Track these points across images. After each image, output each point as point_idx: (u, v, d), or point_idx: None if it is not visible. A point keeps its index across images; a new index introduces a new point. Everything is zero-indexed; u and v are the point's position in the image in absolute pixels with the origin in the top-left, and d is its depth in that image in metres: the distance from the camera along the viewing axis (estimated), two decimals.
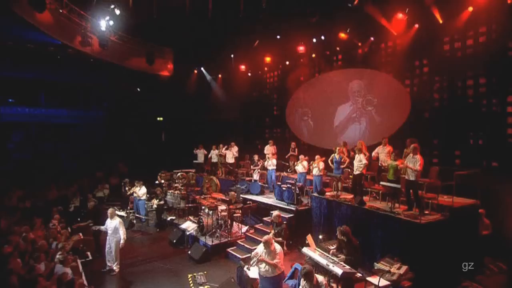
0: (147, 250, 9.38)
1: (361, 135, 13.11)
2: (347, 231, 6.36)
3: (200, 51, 15.12)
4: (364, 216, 7.92)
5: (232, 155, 13.55)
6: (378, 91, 12.63)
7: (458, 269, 6.98)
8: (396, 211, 7.40)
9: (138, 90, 20.16)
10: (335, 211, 8.83)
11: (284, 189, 10.36)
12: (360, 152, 8.91)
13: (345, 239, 6.35)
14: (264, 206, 10.68)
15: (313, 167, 10.54)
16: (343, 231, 6.37)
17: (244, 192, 11.65)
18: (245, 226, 9.95)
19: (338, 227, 6.57)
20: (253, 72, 16.88)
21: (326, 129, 14.34)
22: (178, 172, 12.70)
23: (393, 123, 12.08)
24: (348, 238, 6.34)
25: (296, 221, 9.60)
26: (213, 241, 8.99)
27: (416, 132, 10.65)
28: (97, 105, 20.11)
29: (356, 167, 8.86)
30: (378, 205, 8.24)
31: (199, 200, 10.32)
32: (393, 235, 7.15)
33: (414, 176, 7.25)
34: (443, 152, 10.27)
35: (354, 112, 13.51)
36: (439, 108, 10.71)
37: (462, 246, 7.25)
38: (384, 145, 9.75)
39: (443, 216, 7.06)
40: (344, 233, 6.36)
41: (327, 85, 14.36)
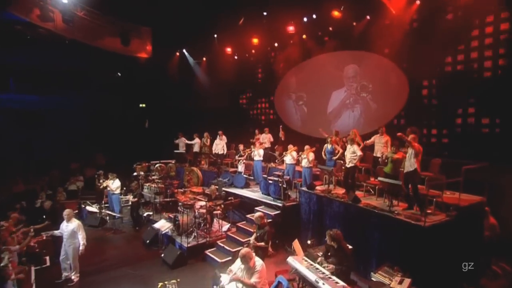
0: (116, 253, 8.29)
1: (355, 123, 12.06)
2: (338, 236, 5.33)
3: (182, 31, 13.69)
4: (359, 215, 6.92)
5: (222, 145, 12.29)
6: (374, 76, 11.53)
7: (461, 273, 6.08)
8: (395, 210, 6.41)
9: (119, 75, 18.68)
10: (326, 208, 7.83)
11: (270, 182, 9.31)
12: (353, 142, 7.86)
13: (335, 245, 5.33)
14: (249, 201, 9.64)
15: (302, 158, 9.48)
16: (334, 236, 5.34)
17: (227, 185, 10.58)
18: (227, 223, 8.91)
19: (327, 230, 5.53)
20: (239, 55, 15.55)
21: (319, 116, 13.23)
22: (156, 163, 11.52)
23: (389, 111, 11.04)
24: (339, 244, 5.33)
25: (283, 218, 8.60)
26: (190, 242, 7.94)
27: (415, 121, 9.66)
28: (76, 91, 18.52)
29: (349, 159, 7.82)
30: (374, 202, 7.24)
31: (176, 195, 9.20)
32: (391, 238, 6.17)
33: (411, 166, 6.27)
34: (444, 143, 9.28)
35: (348, 98, 12.41)
36: (439, 95, 9.68)
37: (467, 248, 6.33)
38: (381, 134, 8.73)
39: (448, 217, 6.09)
40: (335, 239, 5.33)
41: (320, 69, 13.16)
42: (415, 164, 6.25)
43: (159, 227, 8.17)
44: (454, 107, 9.15)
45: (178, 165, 12.93)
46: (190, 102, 15.80)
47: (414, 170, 6.28)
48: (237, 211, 10.37)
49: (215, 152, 12.30)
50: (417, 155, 6.22)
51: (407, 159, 6.38)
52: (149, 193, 10.85)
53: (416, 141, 6.33)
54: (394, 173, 6.88)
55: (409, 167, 6.36)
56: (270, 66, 14.82)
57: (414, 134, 6.75)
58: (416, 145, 6.23)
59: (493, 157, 7.52)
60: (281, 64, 14.06)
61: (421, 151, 6.25)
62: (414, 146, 6.18)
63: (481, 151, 8.03)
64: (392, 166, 6.90)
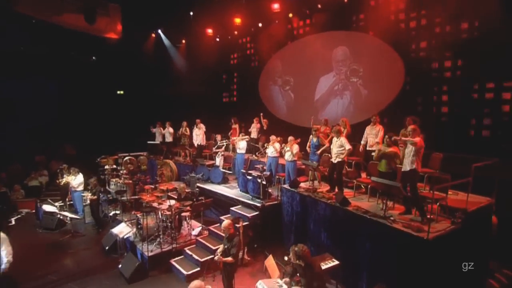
0: (68, 262, 7.01)
1: (344, 111, 10.83)
2: (304, 253, 4.16)
3: (156, 9, 12.09)
4: (347, 221, 5.76)
5: (202, 135, 10.91)
6: (365, 59, 10.23)
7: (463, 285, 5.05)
8: (390, 216, 5.25)
9: (93, 59, 16.94)
10: (310, 210, 6.65)
11: (248, 178, 8.08)
12: (340, 134, 6.62)
13: (302, 263, 4.18)
14: (225, 200, 8.42)
15: (285, 150, 8.24)
16: (299, 254, 4.17)
17: (202, 180, 9.33)
18: (199, 225, 7.67)
19: (292, 246, 4.35)
20: (221, 37, 14.02)
21: (306, 103, 11.95)
22: (125, 156, 10.15)
23: (382, 98, 9.81)
24: (306, 262, 4.17)
25: (263, 220, 7.42)
26: (153, 249, 6.70)
27: (410, 110, 8.48)
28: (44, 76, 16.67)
29: (335, 153, 6.62)
30: (366, 204, 6.08)
31: (141, 193, 7.89)
32: (386, 251, 5.02)
33: (411, 165, 5.09)
34: (444, 135, 8.13)
35: (336, 84, 11.12)
36: (439, 80, 8.48)
37: (472, 256, 5.24)
38: (374, 124, 7.51)
39: (454, 224, 4.95)
40: (301, 256, 4.17)
41: (308, 52, 11.77)
42: (415, 162, 5.07)
43: (117, 232, 6.90)
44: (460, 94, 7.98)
45: (153, 157, 11.58)
46: (168, 88, 14.27)
47: (414, 170, 5.10)
48: (214, 209, 9.18)
49: (196, 143, 10.94)
50: (418, 152, 5.04)
51: (406, 156, 5.18)
52: (116, 189, 9.51)
53: (417, 134, 5.13)
54: (388, 170, 5.72)
55: (407, 166, 5.17)
56: (254, 49, 13.36)
57: (414, 124, 5.57)
58: (418, 139, 5.02)
59: (501, 152, 6.42)
60: (266, 46, 12.61)
61: (423, 146, 5.07)
62: (415, 142, 4.98)
63: (488, 144, 6.93)
64: (386, 163, 5.72)
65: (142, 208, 6.86)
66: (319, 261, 4.78)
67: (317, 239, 6.46)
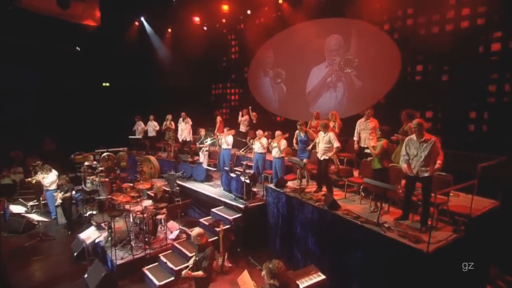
0: (32, 270, 6.30)
1: (336, 104, 10.13)
2: (279, 271, 3.38)
3: None
4: (336, 226, 5.10)
5: (188, 130, 10.15)
6: (360, 49, 9.48)
7: None
8: (384, 223, 4.59)
9: (78, 50, 15.97)
10: (297, 213, 5.99)
11: (232, 176, 7.40)
12: (327, 129, 5.93)
13: (277, 283, 3.45)
14: (206, 199, 7.75)
15: (272, 146, 7.55)
16: (273, 271, 3.38)
17: (185, 178, 8.63)
18: (178, 228, 6.99)
19: (265, 262, 3.61)
20: (209, 25, 13.16)
21: (297, 96, 11.25)
22: (103, 152, 9.39)
23: (377, 90, 9.11)
24: (282, 282, 3.45)
25: (246, 222, 6.76)
26: (124, 256, 6.02)
27: (407, 103, 7.81)
28: (27, 67, 15.70)
29: (322, 150, 5.94)
30: (358, 207, 5.43)
31: (113, 194, 7.13)
32: (379, 261, 4.39)
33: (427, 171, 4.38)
34: (445, 129, 7.48)
35: (329, 75, 10.39)
36: (439, 70, 7.78)
37: (473, 264, 4.63)
38: (367, 118, 6.81)
39: (457, 233, 4.32)
40: (275, 275, 3.43)
41: (299, 41, 11.01)
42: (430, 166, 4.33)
43: (85, 237, 6.19)
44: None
45: (136, 153, 10.83)
46: (153, 80, 13.43)
47: (430, 177, 4.40)
48: (197, 208, 8.52)
49: (182, 138, 10.19)
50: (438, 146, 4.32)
51: (417, 159, 4.43)
52: (92, 188, 8.78)
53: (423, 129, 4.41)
54: (382, 166, 5.06)
55: (425, 172, 4.38)
56: (243, 38, 12.53)
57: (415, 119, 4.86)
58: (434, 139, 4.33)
59: (505, 148, 5.77)
60: (255, 35, 11.80)
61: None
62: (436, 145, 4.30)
63: (490, 140, 6.29)
64: (378, 160, 5.05)
65: (110, 211, 6.14)
66: (302, 276, 4.13)
67: (304, 245, 5.82)
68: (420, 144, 4.39)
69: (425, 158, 4.33)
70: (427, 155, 4.31)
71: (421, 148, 4.38)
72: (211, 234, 6.48)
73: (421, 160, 4.36)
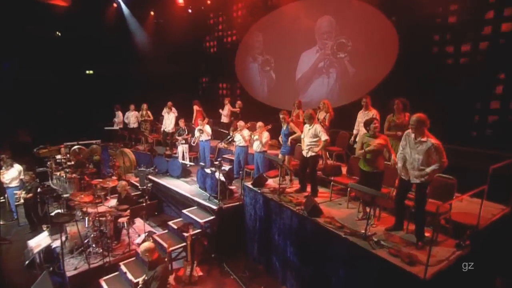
0: None
1: (328, 92, 9.18)
2: None
3: None
4: (317, 236, 4.26)
5: (171, 121, 9.23)
6: (355, 31, 8.46)
7: None
8: (372, 235, 3.74)
9: (58, 35, 14.81)
10: (274, 217, 5.15)
11: (207, 173, 6.54)
12: (313, 120, 5.03)
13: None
14: (180, 198, 6.91)
15: (253, 139, 6.66)
16: None
17: (161, 173, 7.78)
18: (147, 230, 6.17)
19: None
20: (194, 8, 12.05)
21: (287, 84, 10.28)
22: (73, 145, 8.48)
23: (371, 76, 8.15)
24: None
25: (220, 225, 5.93)
26: (78, 266, 5.21)
27: (405, 91, 6.87)
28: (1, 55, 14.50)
29: (307, 145, 5.06)
30: (344, 212, 4.57)
31: (72, 194, 6.26)
32: (365, 283, 3.56)
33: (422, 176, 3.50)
34: (446, 122, 6.54)
35: (321, 61, 9.38)
36: (441, 54, 6.79)
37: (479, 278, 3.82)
38: (366, 108, 5.88)
39: (461, 249, 3.47)
40: None
41: (289, 23, 9.98)
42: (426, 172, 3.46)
43: (33, 245, 5.37)
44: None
45: (113, 145, 9.92)
46: (133, 67, 12.40)
47: (427, 183, 3.52)
48: (174, 206, 7.70)
49: (164, 129, 9.28)
50: (439, 151, 3.38)
51: (412, 161, 3.55)
52: (58, 184, 7.92)
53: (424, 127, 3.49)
54: (372, 168, 4.17)
55: (420, 177, 3.50)
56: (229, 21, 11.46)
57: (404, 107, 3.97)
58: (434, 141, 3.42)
59: None
60: (242, 18, 10.76)
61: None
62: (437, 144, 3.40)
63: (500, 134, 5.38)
64: (371, 160, 4.16)
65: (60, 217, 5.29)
66: None
67: (282, 254, 5.01)
68: (415, 144, 3.51)
69: (418, 162, 3.46)
70: (421, 160, 3.44)
71: (415, 149, 3.51)
72: (180, 239, 5.67)
73: (414, 163, 3.50)
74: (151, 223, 7.21)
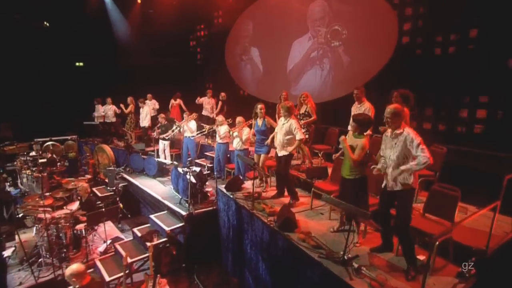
0: None
1: (322, 84, 8.32)
2: None
3: None
4: (289, 254, 3.49)
5: (145, 115, 8.57)
6: (350, 18, 7.56)
7: None
8: (353, 260, 2.96)
9: (46, 25, 14.05)
10: (246, 227, 4.39)
11: (180, 173, 5.81)
12: (290, 113, 4.25)
13: None
14: (152, 201, 6.20)
15: (232, 136, 5.90)
16: None
17: (137, 172, 7.08)
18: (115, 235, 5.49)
19: None
20: None
21: (278, 75, 9.45)
22: (45, 142, 7.81)
23: (368, 67, 7.27)
24: None
25: (191, 233, 5.21)
26: (23, 281, 4.55)
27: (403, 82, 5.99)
28: None
29: (281, 143, 4.28)
30: (325, 224, 3.79)
31: (25, 198, 5.56)
32: None
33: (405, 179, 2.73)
34: (449, 120, 5.69)
35: (313, 50, 8.51)
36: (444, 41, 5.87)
37: None
38: (360, 101, 5.02)
39: (464, 281, 2.67)
40: None
41: (280, 9, 9.11)
42: (410, 175, 2.72)
43: None
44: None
45: (91, 141, 9.22)
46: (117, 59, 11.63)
47: (410, 190, 2.78)
48: (150, 207, 7.00)
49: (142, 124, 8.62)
50: (417, 143, 2.63)
51: (391, 162, 2.79)
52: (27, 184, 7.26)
53: (401, 120, 2.73)
54: (355, 175, 3.34)
55: (396, 183, 2.78)
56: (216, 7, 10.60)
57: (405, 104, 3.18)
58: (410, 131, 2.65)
59: None
60: (231, 4, 9.89)
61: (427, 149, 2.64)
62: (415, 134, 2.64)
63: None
64: (349, 166, 3.33)
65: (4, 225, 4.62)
66: None
67: (255, 269, 4.26)
68: (392, 140, 2.77)
69: (395, 161, 2.70)
70: (398, 156, 2.69)
71: (392, 147, 2.76)
72: (144, 248, 4.97)
73: (391, 164, 2.75)
74: (124, 226, 6.53)
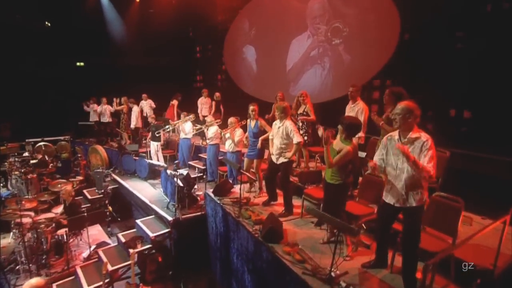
0: None
1: (322, 84, 7.98)
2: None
3: None
4: (273, 267, 3.18)
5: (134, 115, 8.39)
6: (351, 14, 7.21)
7: None
8: (342, 276, 2.64)
9: (48, 25, 13.98)
10: (232, 236, 4.08)
11: (168, 176, 5.54)
12: (286, 115, 3.93)
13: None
14: (141, 204, 5.94)
15: (224, 138, 5.60)
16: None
17: (128, 174, 6.84)
18: (102, 240, 5.24)
19: None
20: None
21: (278, 75, 9.14)
22: (37, 142, 7.64)
23: (369, 65, 6.91)
24: None
25: (178, 238, 4.93)
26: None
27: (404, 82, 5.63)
28: None
29: (277, 149, 3.95)
30: (315, 234, 3.45)
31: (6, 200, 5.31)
32: None
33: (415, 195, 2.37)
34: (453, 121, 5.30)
35: (313, 49, 8.17)
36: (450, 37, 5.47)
37: None
38: (354, 101, 4.66)
39: None
40: None
41: (278, 7, 8.81)
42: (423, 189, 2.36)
43: None
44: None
45: (87, 142, 9.03)
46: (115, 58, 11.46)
47: (422, 206, 2.41)
48: (142, 210, 6.74)
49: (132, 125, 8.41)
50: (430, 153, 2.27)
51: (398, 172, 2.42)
52: (16, 186, 7.07)
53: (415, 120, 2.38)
54: (339, 181, 3.01)
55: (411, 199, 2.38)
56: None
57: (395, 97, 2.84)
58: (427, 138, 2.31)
59: None
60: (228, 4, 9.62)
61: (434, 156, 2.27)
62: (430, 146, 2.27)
63: None
64: (333, 170, 2.98)
65: None
66: None
67: (241, 280, 3.96)
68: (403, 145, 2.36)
69: (409, 172, 2.32)
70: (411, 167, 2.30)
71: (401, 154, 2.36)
72: (129, 256, 4.70)
73: (402, 176, 2.35)
74: (114, 230, 6.29)
